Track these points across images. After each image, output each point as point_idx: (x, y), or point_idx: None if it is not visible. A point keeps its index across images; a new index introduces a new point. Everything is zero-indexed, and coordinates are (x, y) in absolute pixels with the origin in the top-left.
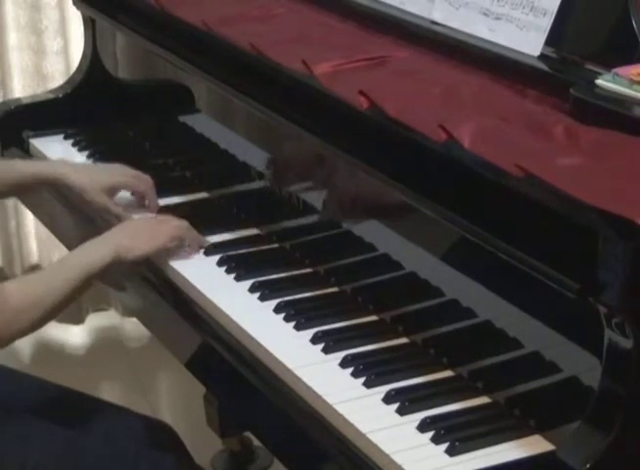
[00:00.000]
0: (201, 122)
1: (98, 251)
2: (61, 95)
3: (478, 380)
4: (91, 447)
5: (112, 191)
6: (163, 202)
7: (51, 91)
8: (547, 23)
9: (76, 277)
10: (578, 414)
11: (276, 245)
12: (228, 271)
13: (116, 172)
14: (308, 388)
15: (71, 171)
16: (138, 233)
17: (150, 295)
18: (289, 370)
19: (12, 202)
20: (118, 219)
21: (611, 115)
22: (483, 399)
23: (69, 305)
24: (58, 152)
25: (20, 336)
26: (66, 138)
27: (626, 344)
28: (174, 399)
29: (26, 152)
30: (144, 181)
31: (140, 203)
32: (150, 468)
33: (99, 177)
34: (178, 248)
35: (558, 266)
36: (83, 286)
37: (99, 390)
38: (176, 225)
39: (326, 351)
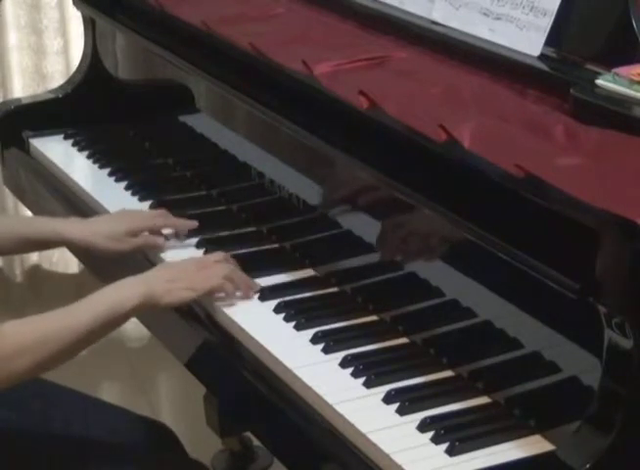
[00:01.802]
0: (201, 122)
1: (129, 289)
2: (61, 95)
3: (478, 380)
4: (90, 448)
5: (130, 234)
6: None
7: (51, 91)
8: (547, 23)
9: (98, 317)
10: (578, 414)
11: (276, 245)
12: None
13: (128, 219)
14: (308, 388)
15: (81, 230)
16: (178, 277)
17: None
18: (289, 370)
19: (12, 202)
20: (159, 248)
21: (611, 115)
22: (483, 399)
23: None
24: (58, 152)
25: (18, 379)
26: (66, 138)
27: (626, 344)
28: (174, 399)
29: (26, 152)
30: (161, 218)
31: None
32: (149, 468)
33: (109, 228)
34: (225, 293)
35: (558, 266)
36: (107, 326)
37: (99, 390)
38: (222, 272)
39: (326, 351)
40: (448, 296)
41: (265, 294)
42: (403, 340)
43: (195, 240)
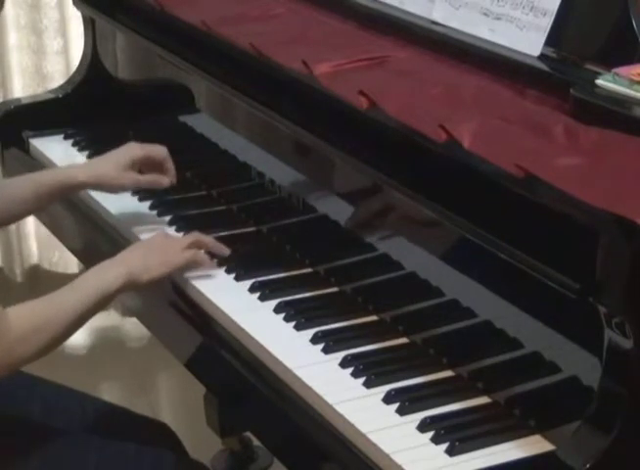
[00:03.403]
0: (201, 122)
1: (110, 272)
2: (61, 95)
3: (478, 380)
4: (90, 448)
5: (133, 166)
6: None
7: (51, 91)
8: (547, 23)
9: (87, 300)
10: (578, 414)
11: (276, 245)
12: (228, 271)
13: (129, 149)
14: (308, 388)
15: (86, 169)
16: (151, 253)
17: (149, 295)
18: (289, 370)
19: None
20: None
21: (611, 115)
22: (483, 399)
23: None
24: (58, 152)
25: (22, 364)
26: (66, 138)
27: (626, 344)
28: (174, 399)
29: (26, 152)
30: (158, 149)
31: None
32: (149, 468)
33: (114, 161)
34: (196, 263)
35: (558, 266)
36: (94, 309)
37: (99, 390)
38: (190, 240)
39: (326, 351)
40: (448, 296)
41: (265, 294)
42: (403, 340)
43: None
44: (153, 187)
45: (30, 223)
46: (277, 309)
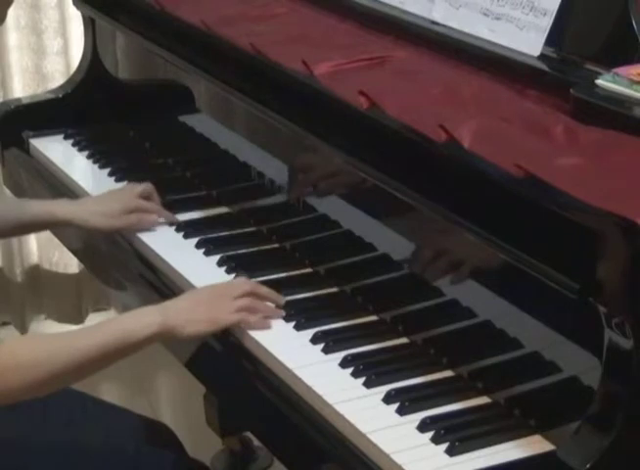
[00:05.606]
0: (201, 122)
1: (144, 318)
2: (61, 95)
3: (478, 380)
4: (90, 448)
5: (128, 212)
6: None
7: (51, 91)
8: (547, 23)
9: (106, 344)
10: (578, 414)
11: (276, 245)
12: (228, 271)
13: (122, 197)
14: (308, 388)
15: (82, 210)
16: (198, 306)
17: (149, 294)
18: (289, 370)
19: None
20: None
21: (611, 115)
22: (483, 399)
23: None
24: (58, 152)
25: (13, 396)
26: (66, 138)
27: (626, 344)
28: (174, 400)
29: (26, 152)
30: (150, 203)
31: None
32: (149, 468)
33: (110, 206)
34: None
35: (558, 266)
36: (114, 355)
37: (99, 390)
38: (244, 303)
39: (326, 351)
40: (448, 296)
41: None
42: (403, 340)
43: (195, 240)
44: (145, 225)
45: None
46: None
